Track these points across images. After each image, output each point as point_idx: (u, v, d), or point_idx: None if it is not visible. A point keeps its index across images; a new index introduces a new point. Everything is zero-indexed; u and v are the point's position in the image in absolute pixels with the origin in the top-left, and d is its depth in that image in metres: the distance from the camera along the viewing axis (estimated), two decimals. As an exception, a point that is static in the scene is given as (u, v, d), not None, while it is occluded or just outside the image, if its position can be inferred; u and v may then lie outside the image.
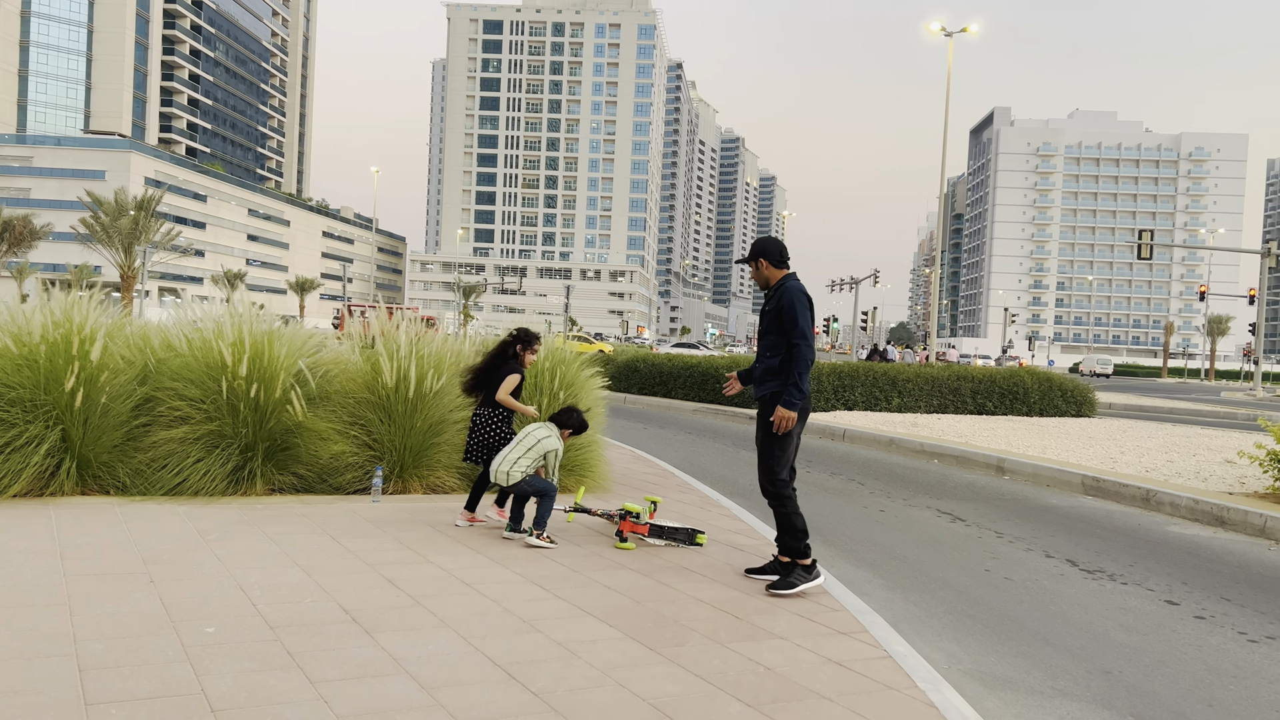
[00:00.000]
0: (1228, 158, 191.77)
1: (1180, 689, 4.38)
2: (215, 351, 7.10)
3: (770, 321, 5.49)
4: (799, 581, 5.28)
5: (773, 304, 5.50)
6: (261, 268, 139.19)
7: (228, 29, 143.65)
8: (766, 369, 5.45)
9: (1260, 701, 4.26)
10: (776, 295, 5.50)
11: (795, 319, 5.34)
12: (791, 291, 5.42)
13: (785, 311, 5.39)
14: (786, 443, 5.38)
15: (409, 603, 4.60)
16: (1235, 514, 8.66)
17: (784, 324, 5.38)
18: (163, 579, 4.72)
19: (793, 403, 5.25)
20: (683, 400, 21.08)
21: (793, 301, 5.38)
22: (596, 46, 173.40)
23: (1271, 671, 4.68)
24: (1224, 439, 17.13)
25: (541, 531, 6.08)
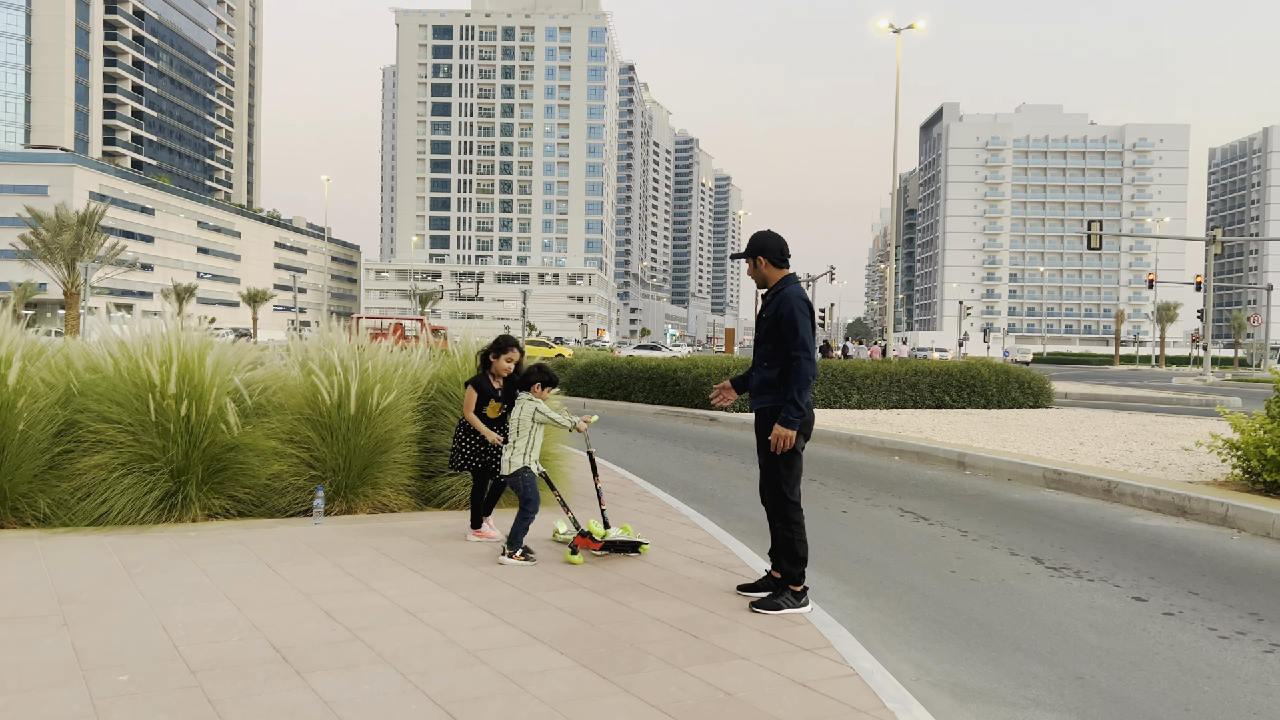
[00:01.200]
0: (1170, 148, 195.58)
1: (1155, 693, 4.22)
2: (143, 370, 6.74)
3: (768, 329, 5.10)
4: (785, 605, 4.99)
5: (770, 310, 5.10)
6: (213, 280, 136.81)
7: (171, 39, 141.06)
8: (764, 380, 5.10)
9: (1237, 703, 4.11)
10: (775, 301, 5.10)
11: (795, 329, 4.96)
12: (791, 299, 5.03)
13: (785, 320, 5.00)
14: (793, 460, 5.04)
15: (346, 637, 4.30)
16: (1197, 503, 8.60)
17: (783, 334, 5.01)
18: (78, 620, 4.39)
19: (791, 421, 4.91)
20: (642, 403, 20.84)
21: (793, 310, 4.99)
22: (547, 50, 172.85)
23: (1246, 670, 4.55)
24: (1179, 426, 17.25)
25: (514, 550, 5.84)
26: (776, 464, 5.06)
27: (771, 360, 5.08)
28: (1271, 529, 7.82)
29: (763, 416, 5.13)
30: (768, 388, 5.08)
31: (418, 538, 6.48)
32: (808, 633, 4.65)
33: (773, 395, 5.05)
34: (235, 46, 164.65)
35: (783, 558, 5.09)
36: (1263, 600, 5.84)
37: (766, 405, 5.09)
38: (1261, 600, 5.84)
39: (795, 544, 5.05)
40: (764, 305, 5.19)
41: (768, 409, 5.08)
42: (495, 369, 6.39)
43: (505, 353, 6.36)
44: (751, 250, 5.22)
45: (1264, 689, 4.30)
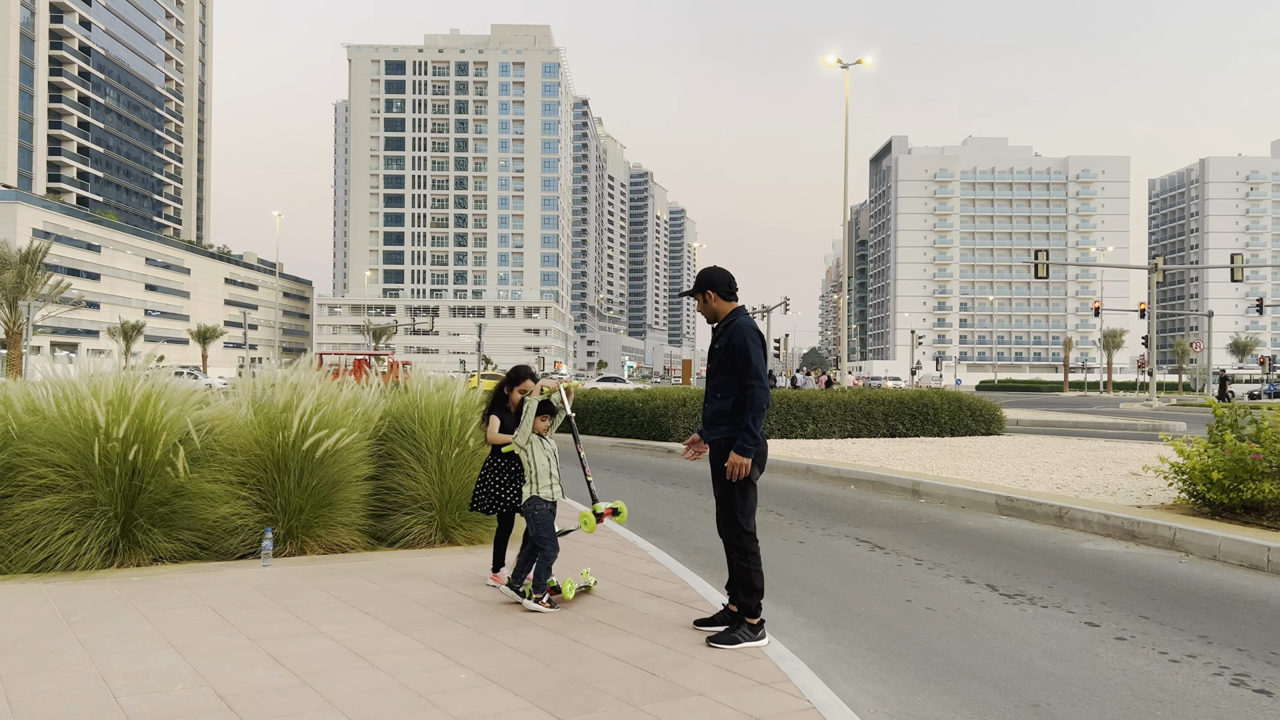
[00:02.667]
0: (1112, 179, 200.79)
1: (1109, 719, 4.24)
2: (87, 412, 6.58)
3: (720, 360, 5.13)
4: (742, 639, 4.96)
5: (723, 341, 5.14)
6: (161, 318, 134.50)
7: (118, 74, 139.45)
8: (717, 411, 5.10)
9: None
10: (727, 332, 5.14)
11: (749, 359, 5.01)
12: (743, 329, 5.08)
13: (737, 351, 5.04)
14: (747, 490, 5.06)
15: (294, 683, 4.20)
16: (1145, 528, 8.73)
17: (736, 364, 5.04)
18: (12, 673, 4.23)
19: (746, 449, 4.92)
20: (600, 436, 20.77)
21: (745, 340, 5.04)
22: (501, 85, 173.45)
23: (1196, 694, 4.60)
24: (1128, 451, 17.55)
25: (541, 596, 5.65)
26: (732, 494, 5.06)
27: (724, 391, 5.09)
28: (1218, 552, 7.96)
29: (717, 448, 5.12)
30: (721, 418, 5.08)
31: (369, 578, 6.37)
32: (765, 666, 4.62)
33: (727, 426, 5.05)
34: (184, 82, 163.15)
35: (739, 589, 5.08)
36: (1211, 623, 5.93)
37: (721, 436, 5.08)
38: (1210, 623, 5.93)
39: (751, 574, 5.04)
40: (715, 338, 5.23)
41: (722, 440, 5.08)
42: (512, 402, 6.20)
43: (519, 384, 6.19)
44: (700, 286, 5.26)
45: (1214, 712, 4.35)
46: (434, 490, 7.64)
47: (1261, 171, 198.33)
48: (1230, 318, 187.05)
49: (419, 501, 7.65)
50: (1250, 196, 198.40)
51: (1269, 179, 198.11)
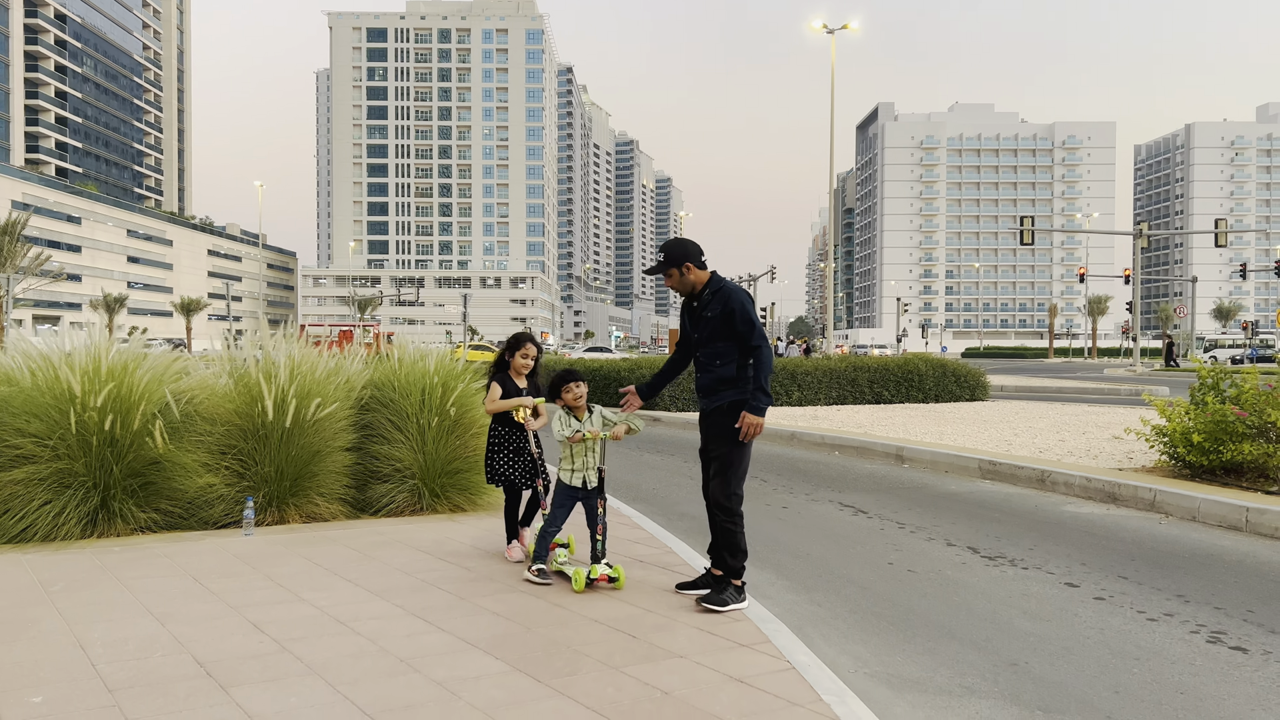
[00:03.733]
0: (1098, 145, 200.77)
1: (1086, 676, 4.28)
2: (63, 382, 6.51)
3: (716, 328, 5.04)
4: (731, 600, 4.97)
5: (716, 309, 5.04)
6: (144, 290, 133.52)
7: (95, 43, 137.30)
8: (719, 378, 5.03)
9: (1164, 683, 4.19)
10: (719, 299, 5.05)
11: (751, 322, 4.99)
12: (737, 293, 5.04)
13: (739, 315, 4.99)
14: (745, 454, 5.07)
15: (274, 649, 4.19)
16: (1126, 490, 8.80)
17: (737, 329, 4.99)
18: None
19: (761, 408, 4.91)
20: (585, 405, 20.77)
21: (743, 303, 5.01)
22: (484, 52, 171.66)
23: (1173, 651, 4.64)
24: (1110, 415, 17.67)
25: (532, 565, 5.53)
26: (731, 459, 5.04)
27: (724, 358, 5.04)
28: (1197, 513, 8.03)
29: (720, 414, 5.05)
30: (725, 384, 5.03)
31: (351, 546, 6.36)
32: (746, 629, 4.64)
33: (733, 391, 5.01)
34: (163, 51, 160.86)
35: (725, 552, 5.08)
36: (1189, 583, 5.98)
37: (726, 401, 5.03)
38: (1188, 583, 5.98)
39: (737, 536, 5.06)
40: (704, 306, 5.12)
41: (726, 404, 5.03)
42: (514, 368, 6.05)
43: (519, 349, 6.04)
44: (674, 260, 5.13)
45: (1190, 669, 4.39)
46: (416, 459, 7.62)
47: (1246, 137, 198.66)
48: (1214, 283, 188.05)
49: (401, 470, 7.63)
50: (1235, 162, 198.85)
51: (1254, 144, 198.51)
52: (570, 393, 5.50)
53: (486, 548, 6.39)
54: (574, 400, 5.51)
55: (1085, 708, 3.92)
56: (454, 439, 7.74)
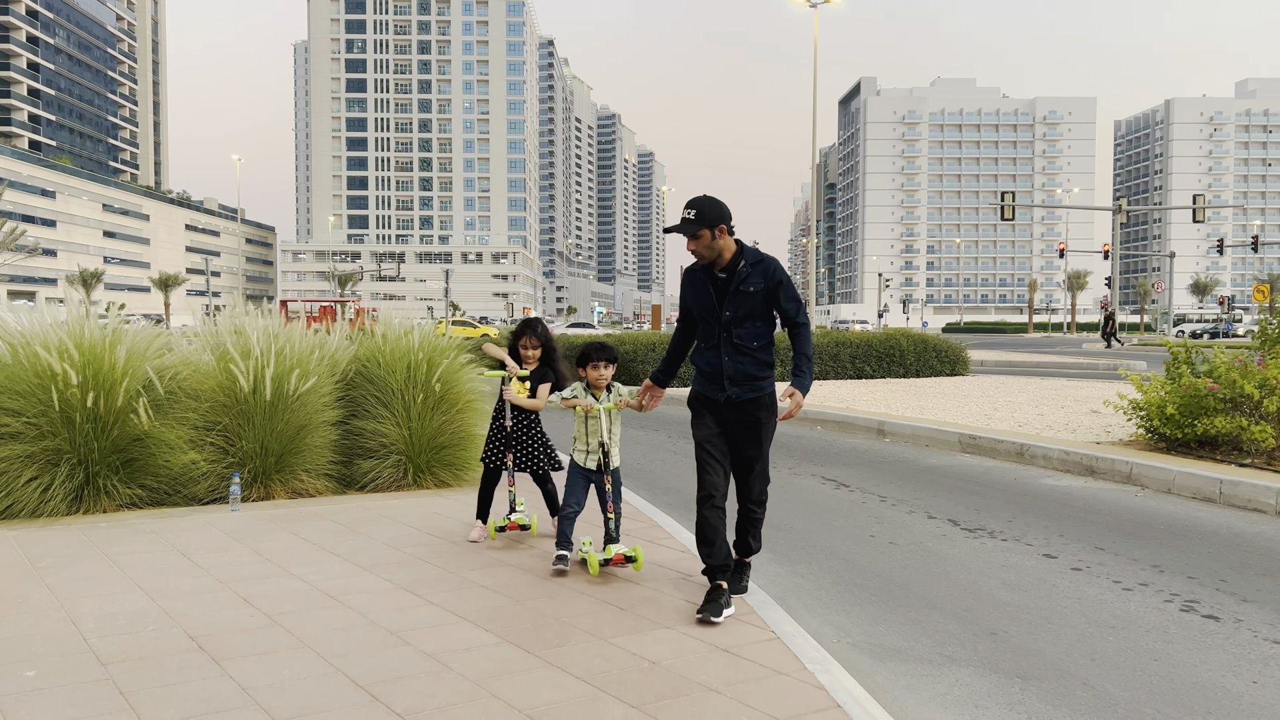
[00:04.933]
0: (1079, 120, 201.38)
1: (1063, 645, 4.38)
2: (42, 360, 6.49)
3: (758, 304, 4.49)
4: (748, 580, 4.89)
5: (759, 283, 4.46)
6: (121, 265, 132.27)
7: (68, 14, 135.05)
8: (760, 363, 4.53)
9: (1139, 650, 4.30)
10: (763, 272, 4.48)
11: (798, 298, 4.52)
12: (780, 266, 4.53)
13: (785, 290, 4.49)
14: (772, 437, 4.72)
15: (265, 622, 4.23)
16: (1103, 463, 8.93)
17: (783, 306, 4.49)
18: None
19: (808, 387, 4.49)
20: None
21: (789, 278, 4.52)
22: (464, 25, 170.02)
23: (1147, 619, 4.75)
24: (1088, 389, 17.86)
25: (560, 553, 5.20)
26: (767, 455, 4.69)
27: (762, 338, 4.55)
28: (1172, 485, 8.17)
29: (756, 406, 4.57)
30: (766, 370, 4.56)
31: (339, 521, 6.39)
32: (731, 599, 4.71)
33: (771, 378, 4.58)
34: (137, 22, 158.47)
35: (752, 539, 4.84)
36: (1164, 553, 6.10)
37: (766, 392, 4.58)
38: (1163, 553, 6.10)
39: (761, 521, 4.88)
40: (738, 279, 4.49)
41: (766, 395, 4.58)
42: (524, 359, 5.86)
43: (521, 338, 5.83)
44: (708, 219, 4.41)
45: (1164, 636, 4.50)
46: (402, 435, 7.64)
47: (1225, 113, 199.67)
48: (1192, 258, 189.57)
49: (387, 446, 7.65)
50: (1214, 138, 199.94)
51: (1232, 120, 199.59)
52: (595, 369, 5.19)
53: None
54: (596, 378, 5.20)
55: (1062, 675, 4.01)
56: (439, 414, 7.77)
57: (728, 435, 4.61)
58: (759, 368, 4.53)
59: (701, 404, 4.67)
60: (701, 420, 4.65)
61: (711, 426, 4.61)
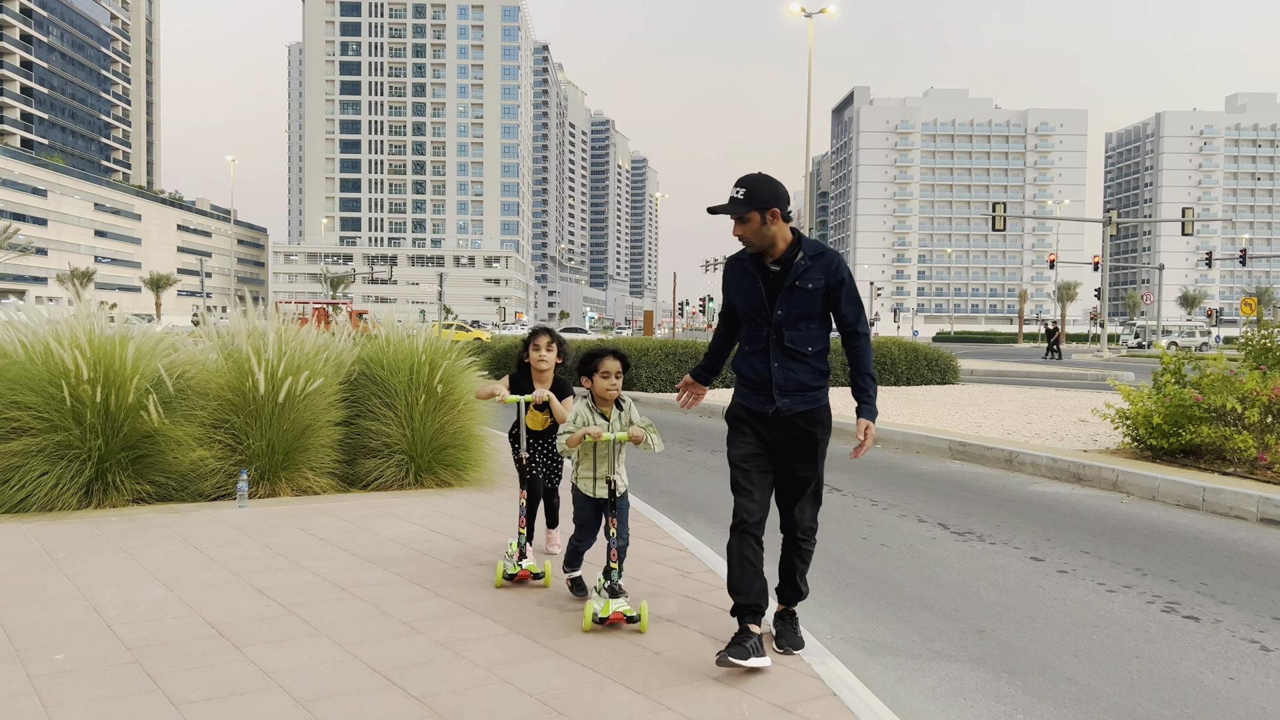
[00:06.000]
0: (1070, 132, 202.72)
1: (1048, 643, 4.55)
2: (55, 356, 6.63)
3: (815, 303, 3.88)
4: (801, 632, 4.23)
5: (819, 279, 3.86)
6: (112, 265, 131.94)
7: (62, 12, 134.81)
8: (815, 371, 3.93)
9: (1122, 648, 4.47)
10: (824, 266, 3.88)
11: (859, 300, 3.96)
12: (844, 261, 3.92)
13: (848, 289, 3.91)
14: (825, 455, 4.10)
15: (280, 612, 4.38)
16: (1090, 470, 9.13)
17: (840, 309, 3.91)
18: (4, 605, 4.37)
19: (877, 412, 3.95)
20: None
21: (852, 276, 3.96)
22: (460, 29, 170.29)
23: (1130, 620, 4.93)
24: (1077, 399, 18.09)
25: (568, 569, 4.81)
26: (821, 475, 4.06)
27: (817, 343, 3.93)
28: (1157, 492, 8.37)
29: (809, 420, 3.96)
30: (820, 380, 3.95)
31: (344, 518, 6.54)
32: (727, 597, 4.88)
33: (824, 388, 3.99)
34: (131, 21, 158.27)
35: (802, 580, 4.21)
36: (1147, 557, 6.29)
37: (821, 404, 3.99)
38: (1146, 557, 6.29)
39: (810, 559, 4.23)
40: (794, 273, 3.85)
41: (822, 408, 3.99)
42: (535, 370, 5.20)
43: (536, 339, 5.18)
44: (760, 201, 3.78)
45: (1145, 635, 4.68)
46: (405, 435, 7.79)
47: (1215, 126, 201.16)
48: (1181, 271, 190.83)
49: (390, 446, 7.80)
50: (1203, 151, 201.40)
51: (1222, 134, 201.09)
52: (602, 374, 4.40)
53: (476, 520, 6.59)
54: (604, 389, 4.41)
55: (1047, 670, 4.19)
56: (441, 415, 7.92)
57: (773, 454, 4.00)
58: (813, 376, 3.94)
59: (744, 417, 4.03)
60: (741, 436, 4.02)
61: (753, 443, 3.99)
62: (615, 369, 4.41)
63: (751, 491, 3.93)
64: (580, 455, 4.45)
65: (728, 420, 4.10)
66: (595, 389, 4.42)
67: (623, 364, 4.42)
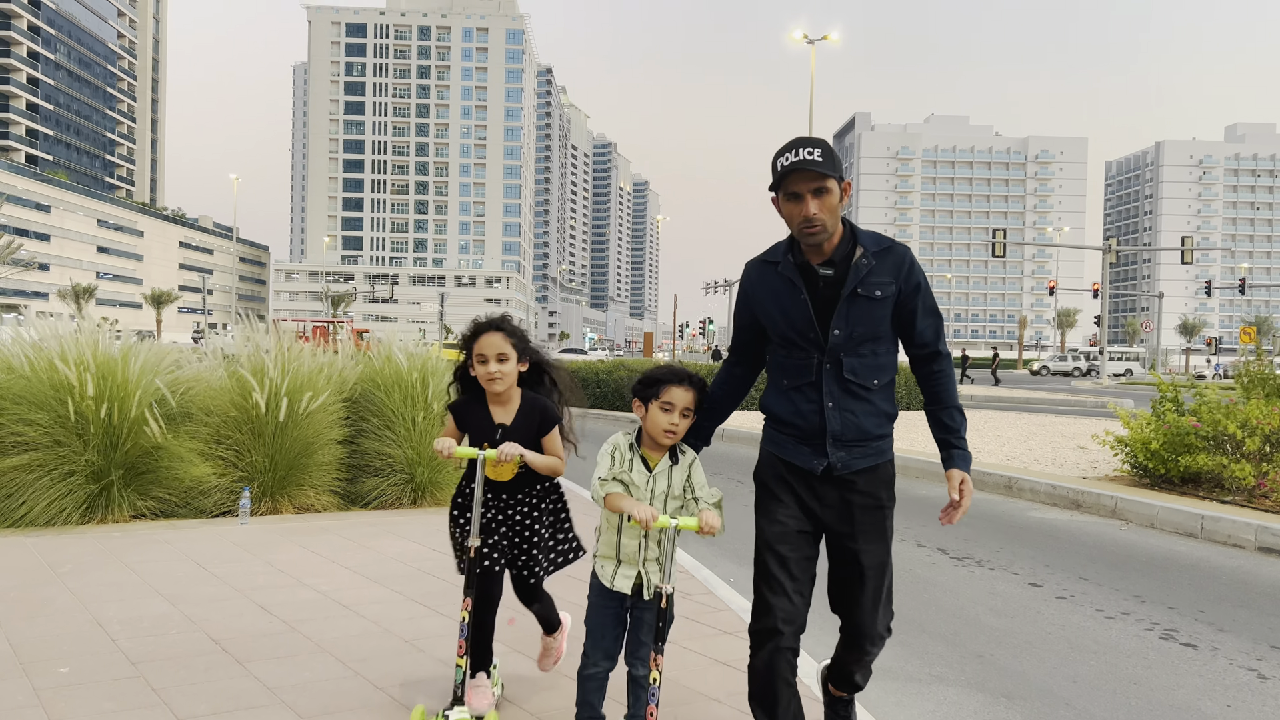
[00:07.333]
0: (1070, 160, 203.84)
1: (1047, 668, 4.58)
2: (60, 372, 6.67)
3: (881, 318, 2.84)
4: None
5: (888, 283, 2.82)
6: (114, 281, 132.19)
7: (69, 30, 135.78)
8: (881, 414, 2.89)
9: (1120, 674, 4.49)
10: (896, 264, 2.84)
11: (937, 309, 2.96)
12: (914, 257, 2.90)
13: (925, 296, 2.90)
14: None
15: (283, 629, 4.41)
16: (1089, 497, 9.16)
17: (916, 322, 2.89)
18: (10, 618, 4.40)
19: (970, 456, 2.94)
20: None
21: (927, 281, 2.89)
22: (464, 51, 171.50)
23: (1128, 646, 4.95)
24: (1076, 426, 18.12)
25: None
26: (889, 546, 2.97)
27: (884, 373, 2.90)
28: (1155, 519, 8.39)
29: (875, 479, 2.91)
30: (886, 425, 2.91)
31: (346, 536, 6.57)
32: (729, 618, 4.91)
33: (890, 434, 2.93)
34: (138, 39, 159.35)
35: (858, 675, 3.22)
36: (1145, 584, 6.31)
37: (887, 458, 2.94)
38: (1144, 584, 6.31)
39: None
40: (853, 275, 2.80)
41: (888, 463, 2.94)
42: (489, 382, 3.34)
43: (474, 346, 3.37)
44: (838, 169, 2.74)
45: (1143, 662, 4.70)
46: (405, 454, 7.82)
47: (1214, 156, 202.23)
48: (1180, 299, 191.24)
49: (391, 465, 7.83)
50: (1203, 180, 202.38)
51: (1221, 163, 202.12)
52: (663, 405, 2.99)
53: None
54: (663, 429, 3.00)
55: (1045, 695, 4.21)
56: (438, 433, 7.95)
57: (822, 530, 2.96)
58: (878, 420, 2.89)
59: (782, 478, 2.95)
60: (777, 503, 2.94)
61: (794, 517, 2.92)
62: (685, 403, 3.00)
63: (789, 586, 2.87)
64: (603, 526, 3.14)
65: (759, 481, 3.01)
66: (648, 423, 3.03)
67: (697, 395, 3.04)
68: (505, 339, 3.34)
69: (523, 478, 3.43)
